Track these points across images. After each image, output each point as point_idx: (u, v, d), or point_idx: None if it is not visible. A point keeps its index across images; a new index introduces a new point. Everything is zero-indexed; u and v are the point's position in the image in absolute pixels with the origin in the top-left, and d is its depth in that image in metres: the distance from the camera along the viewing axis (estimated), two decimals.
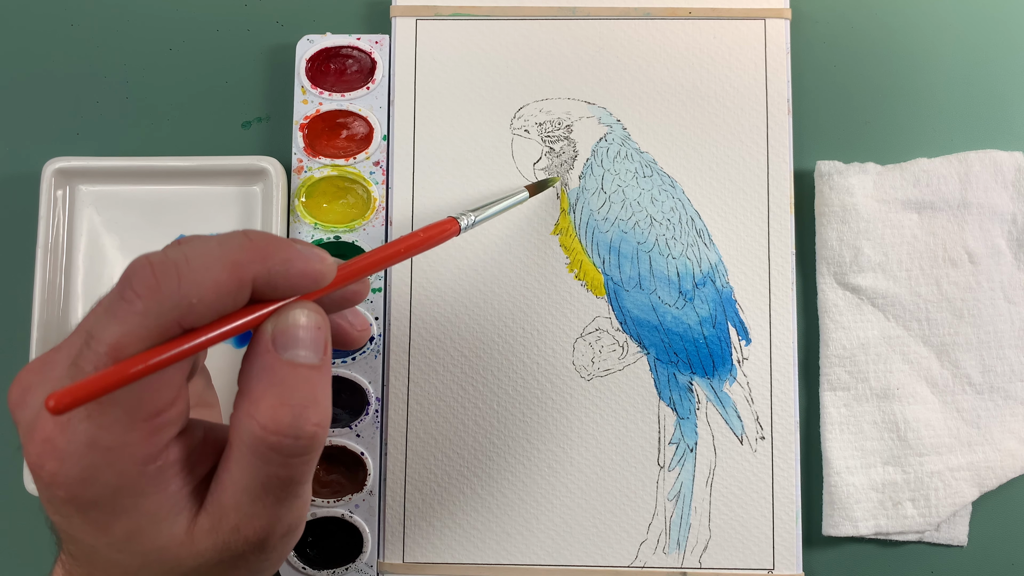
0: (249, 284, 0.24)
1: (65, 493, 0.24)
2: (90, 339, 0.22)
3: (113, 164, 0.43)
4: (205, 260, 0.23)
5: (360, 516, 0.41)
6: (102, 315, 0.23)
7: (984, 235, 0.42)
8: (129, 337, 0.22)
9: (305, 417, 0.24)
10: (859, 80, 0.44)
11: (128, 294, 0.22)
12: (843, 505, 0.40)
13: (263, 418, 0.24)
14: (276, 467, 0.24)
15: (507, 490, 0.41)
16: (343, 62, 0.44)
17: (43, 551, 0.43)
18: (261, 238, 0.24)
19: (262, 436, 0.24)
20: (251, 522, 0.25)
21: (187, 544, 0.25)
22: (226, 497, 0.25)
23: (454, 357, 0.42)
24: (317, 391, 0.25)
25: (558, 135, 0.43)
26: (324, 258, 0.25)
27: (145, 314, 0.22)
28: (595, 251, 0.42)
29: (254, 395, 0.24)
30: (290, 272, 0.24)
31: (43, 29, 0.46)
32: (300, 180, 0.43)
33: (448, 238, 0.32)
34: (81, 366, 0.22)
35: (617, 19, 0.44)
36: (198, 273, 0.23)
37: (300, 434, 0.24)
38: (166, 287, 0.22)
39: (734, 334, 0.42)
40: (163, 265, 0.23)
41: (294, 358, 0.25)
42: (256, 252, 0.24)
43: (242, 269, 0.23)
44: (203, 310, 0.23)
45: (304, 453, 0.25)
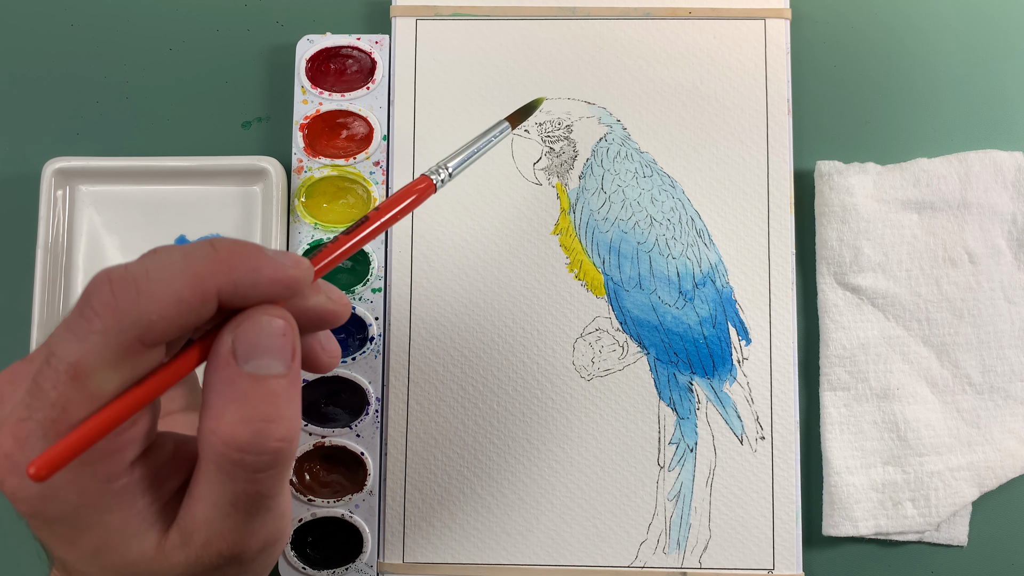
0: (213, 297, 0.23)
1: (27, 508, 0.23)
2: (50, 357, 0.22)
3: (113, 164, 0.43)
4: (166, 274, 0.22)
5: (360, 516, 0.41)
6: (62, 333, 0.22)
7: (984, 235, 0.42)
8: (89, 357, 0.21)
9: (267, 433, 0.23)
10: (859, 80, 0.44)
11: (87, 312, 0.22)
12: (843, 505, 0.40)
13: (224, 434, 0.23)
14: (243, 483, 0.23)
15: (507, 490, 0.41)
16: (343, 62, 0.44)
17: (43, 552, 0.43)
18: (227, 247, 0.23)
19: (224, 452, 0.23)
20: (222, 537, 0.24)
21: (158, 559, 0.24)
22: (197, 512, 0.24)
23: (454, 357, 0.42)
24: (280, 404, 0.23)
25: (558, 135, 0.43)
26: (299, 263, 0.24)
27: (104, 332, 0.21)
28: (595, 251, 0.42)
29: (215, 410, 0.23)
30: (259, 281, 0.23)
31: (43, 29, 0.46)
32: (300, 180, 0.43)
33: (424, 199, 0.29)
34: (40, 383, 0.22)
35: (617, 19, 0.44)
36: (158, 288, 0.22)
37: (263, 450, 0.23)
38: (124, 304, 0.22)
39: (734, 334, 0.42)
40: (122, 281, 0.22)
41: (256, 369, 0.23)
42: (221, 263, 0.23)
43: (205, 281, 0.22)
44: (164, 326, 0.22)
45: (269, 468, 0.23)
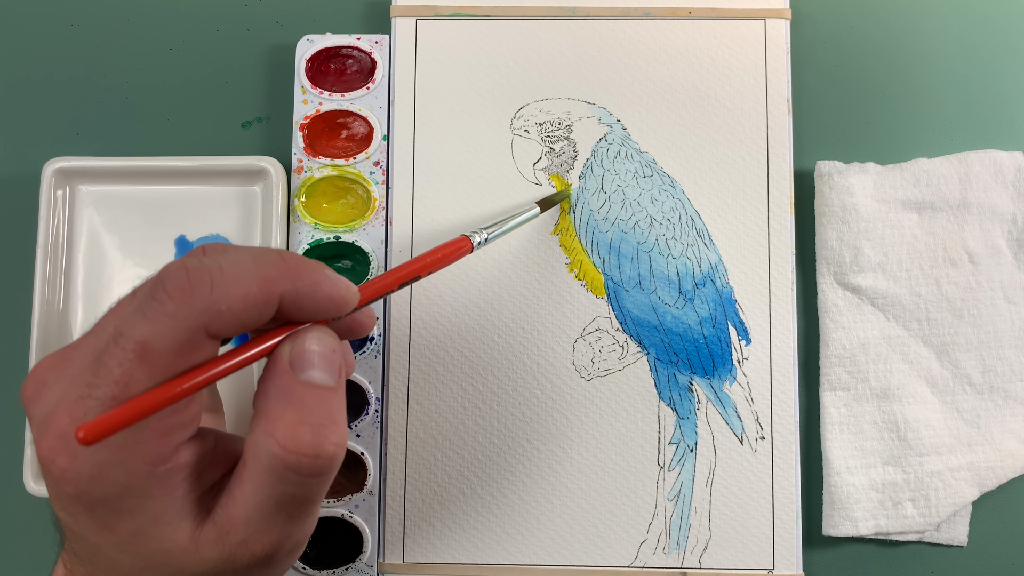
0: (277, 300, 0.24)
1: (73, 489, 0.24)
2: (118, 336, 0.23)
3: (113, 164, 0.43)
4: (238, 271, 0.24)
5: (360, 516, 0.41)
6: (131, 314, 0.23)
7: (984, 235, 0.42)
8: (157, 338, 0.23)
9: (324, 436, 0.24)
10: (859, 80, 0.44)
11: (161, 295, 0.23)
12: (843, 505, 0.40)
13: (282, 437, 0.24)
14: (292, 486, 0.25)
15: (507, 490, 0.41)
16: (343, 62, 0.44)
17: (43, 551, 0.43)
18: (294, 258, 0.25)
19: (281, 455, 0.24)
20: (260, 538, 0.25)
21: (191, 551, 0.25)
22: (237, 512, 0.25)
23: (454, 357, 0.42)
24: (335, 411, 0.25)
25: (558, 135, 0.43)
26: (349, 286, 0.26)
27: (175, 316, 0.23)
28: (595, 251, 0.42)
29: (272, 415, 0.25)
30: (317, 294, 0.25)
31: (43, 29, 0.46)
32: (300, 180, 0.43)
33: (461, 256, 0.33)
34: (106, 362, 0.23)
35: (617, 19, 0.44)
36: (231, 283, 0.23)
37: (320, 453, 0.24)
38: (199, 292, 0.23)
39: (734, 334, 0.42)
40: (198, 271, 0.23)
41: (311, 379, 0.25)
42: (288, 271, 0.25)
43: (272, 285, 0.24)
44: (230, 319, 0.23)
45: (322, 473, 0.25)
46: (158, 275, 0.23)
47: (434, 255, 0.31)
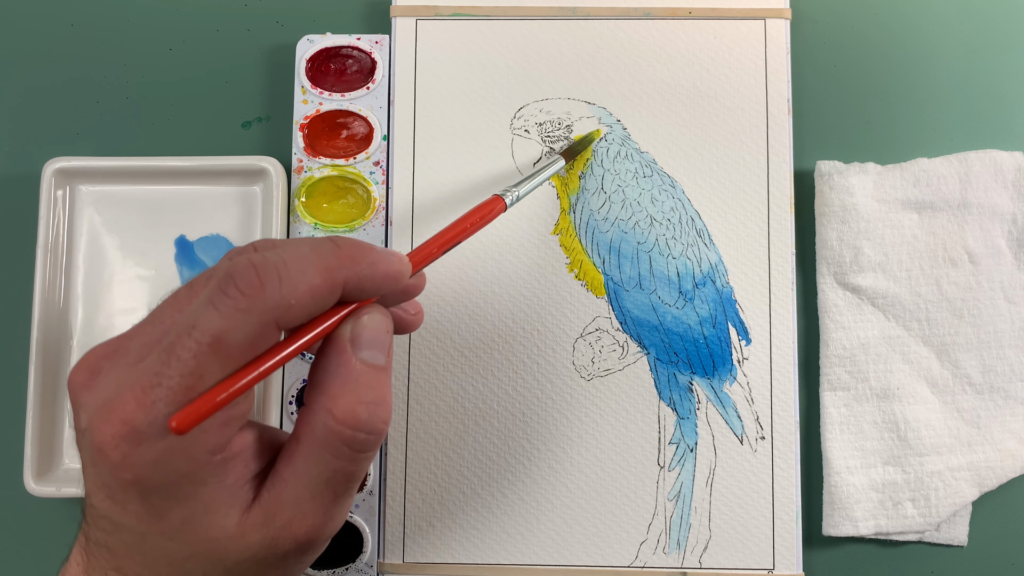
0: (340, 287, 0.25)
1: (133, 476, 0.24)
2: (191, 329, 0.24)
3: (113, 164, 0.43)
4: (302, 265, 0.25)
5: (360, 516, 0.41)
6: (204, 308, 0.24)
7: (984, 235, 0.42)
8: (231, 332, 0.24)
9: (377, 414, 0.26)
10: (859, 80, 0.44)
11: (232, 291, 0.24)
12: (843, 505, 0.40)
13: (341, 413, 0.25)
14: (345, 461, 0.26)
15: (507, 490, 0.41)
16: (343, 62, 0.44)
17: (44, 550, 0.43)
18: (348, 244, 0.26)
19: (338, 430, 0.25)
20: (304, 519, 0.26)
21: (236, 537, 0.26)
22: (286, 492, 0.26)
23: (454, 357, 0.42)
24: (385, 390, 0.27)
25: (558, 135, 0.43)
26: (401, 258, 0.27)
27: (249, 311, 0.24)
28: (595, 251, 0.42)
29: (331, 391, 0.26)
30: (376, 275, 0.26)
31: (43, 29, 0.46)
32: (300, 180, 0.43)
33: (496, 216, 0.34)
34: (178, 353, 0.23)
35: (617, 19, 0.44)
36: (296, 276, 0.24)
37: (373, 429, 0.26)
38: (269, 288, 0.24)
39: (734, 334, 0.42)
40: (266, 267, 0.24)
41: (368, 359, 0.26)
42: (345, 258, 0.26)
43: (335, 273, 0.25)
44: (299, 311, 0.25)
45: (372, 448, 0.26)
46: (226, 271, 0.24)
47: (471, 218, 0.32)
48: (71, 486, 0.40)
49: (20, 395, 0.42)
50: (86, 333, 0.42)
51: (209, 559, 0.26)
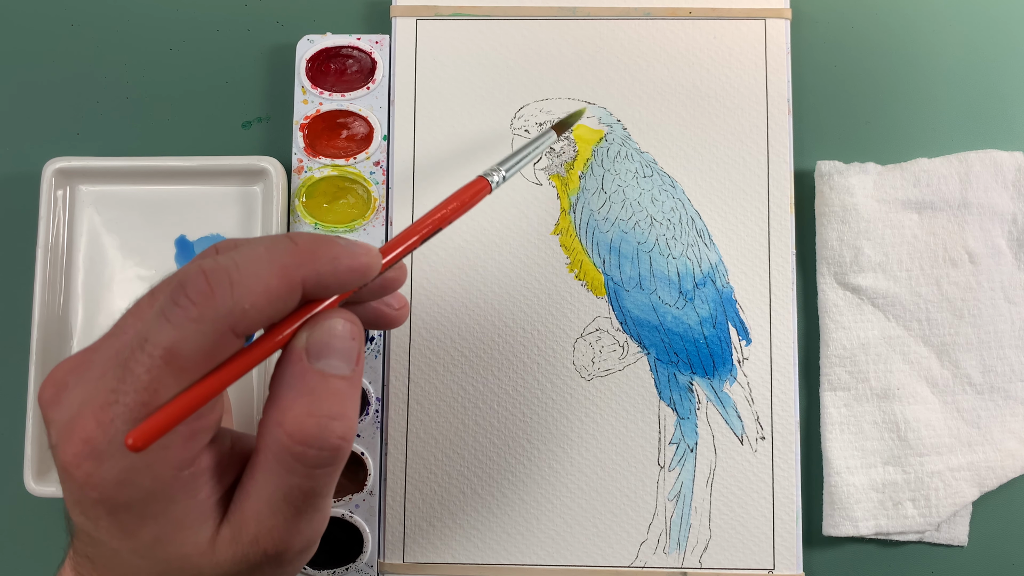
0: (299, 287, 0.24)
1: (98, 494, 0.24)
2: (143, 342, 0.23)
3: (113, 164, 0.43)
4: (255, 267, 0.23)
5: (360, 516, 0.41)
6: (156, 320, 0.23)
7: (984, 235, 0.42)
8: (184, 343, 0.23)
9: (331, 429, 0.24)
10: (859, 80, 0.44)
11: (183, 300, 0.23)
12: (843, 505, 0.40)
13: (290, 427, 0.24)
14: (299, 477, 0.25)
15: (507, 490, 0.41)
16: (343, 62, 0.44)
17: (44, 551, 0.43)
18: (306, 240, 0.25)
19: (287, 445, 0.24)
20: (270, 534, 0.25)
21: (208, 554, 0.25)
22: (248, 506, 0.25)
23: (454, 357, 0.42)
24: (345, 403, 0.25)
25: None
26: (369, 250, 0.26)
27: (200, 320, 0.23)
28: (595, 251, 0.42)
29: (283, 403, 0.25)
30: (339, 270, 0.25)
31: (43, 29, 0.46)
32: (300, 180, 0.43)
33: (480, 199, 0.31)
34: (132, 369, 0.23)
35: (617, 19, 0.44)
36: (250, 280, 0.23)
37: (324, 445, 0.24)
38: (220, 294, 0.23)
39: (734, 334, 0.42)
40: (216, 272, 0.23)
41: (326, 368, 0.25)
42: (303, 255, 0.24)
43: (292, 272, 0.24)
44: (255, 316, 0.23)
45: (327, 464, 0.25)
46: (177, 279, 0.23)
47: (452, 203, 0.29)
48: None
49: (20, 395, 0.42)
50: (86, 333, 0.42)
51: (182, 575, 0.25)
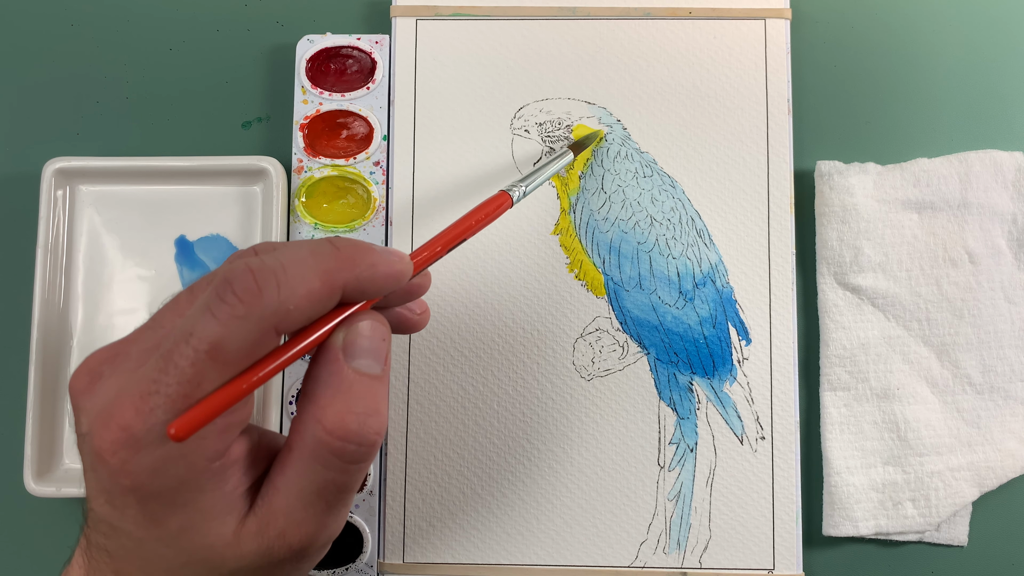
0: (340, 290, 0.25)
1: (131, 482, 0.24)
2: (189, 336, 0.23)
3: (113, 164, 0.43)
4: (300, 269, 0.24)
5: (360, 516, 0.41)
6: (201, 314, 0.23)
7: (984, 235, 0.42)
8: (229, 339, 0.23)
9: (368, 425, 0.25)
10: (859, 80, 0.44)
11: (230, 298, 0.23)
12: (843, 505, 0.40)
13: (330, 423, 0.25)
14: (335, 472, 0.25)
15: (507, 490, 0.41)
16: (343, 62, 0.44)
17: (43, 551, 0.43)
18: (347, 245, 0.26)
19: (327, 441, 0.25)
20: (298, 528, 0.26)
21: (233, 545, 0.25)
22: (278, 500, 0.26)
23: (454, 357, 0.42)
24: (379, 401, 0.26)
25: (558, 135, 0.43)
26: (402, 257, 0.27)
27: (247, 318, 0.23)
28: (595, 251, 0.42)
29: (321, 401, 0.25)
30: (376, 276, 0.26)
31: (43, 29, 0.46)
32: (300, 180, 0.43)
33: (502, 212, 0.33)
34: (176, 361, 0.23)
35: (617, 19, 0.44)
36: (295, 282, 0.24)
37: (363, 441, 0.25)
38: (267, 294, 0.24)
39: (734, 334, 0.42)
40: (263, 272, 0.24)
41: (360, 367, 0.26)
42: (345, 260, 0.25)
43: (334, 277, 0.25)
44: (298, 316, 0.24)
45: (363, 460, 0.26)
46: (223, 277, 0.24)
47: (477, 215, 0.32)
48: (71, 486, 0.40)
49: (20, 395, 0.42)
50: (86, 333, 0.42)
51: (205, 566, 0.26)
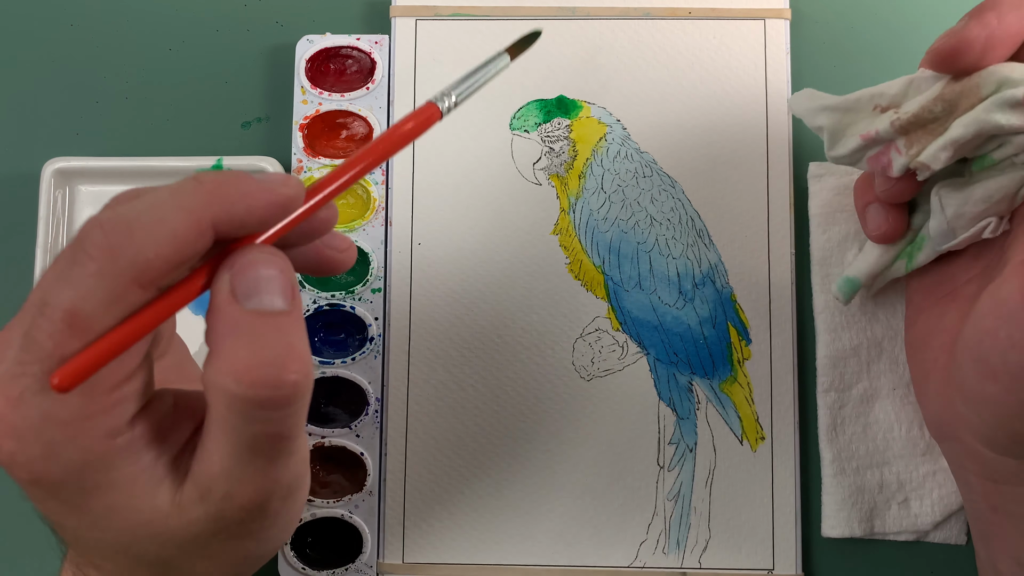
0: (209, 229, 0.22)
1: (28, 474, 0.23)
2: (44, 307, 0.21)
3: (113, 164, 0.43)
4: (157, 212, 0.22)
5: (360, 516, 0.41)
6: (54, 281, 0.22)
7: None
8: (85, 301, 0.21)
9: (284, 366, 0.22)
10: (859, 80, 0.44)
11: (80, 256, 0.21)
12: (842, 506, 0.40)
13: (238, 373, 0.22)
14: (261, 424, 0.23)
15: (507, 490, 0.41)
16: (343, 62, 0.44)
17: (43, 551, 0.43)
18: (213, 178, 0.23)
19: (239, 393, 0.22)
20: (244, 487, 0.24)
21: (175, 515, 0.24)
22: (213, 464, 0.24)
23: (454, 357, 0.42)
24: (292, 337, 0.23)
25: (558, 135, 0.43)
26: (288, 180, 0.23)
27: (100, 275, 0.21)
28: (595, 251, 0.42)
29: (224, 352, 0.22)
30: (253, 205, 0.23)
31: (43, 29, 0.46)
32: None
33: (430, 126, 0.28)
34: (34, 336, 0.21)
35: (617, 19, 0.44)
36: (152, 226, 0.21)
37: (281, 383, 0.22)
38: (118, 244, 0.21)
39: (734, 334, 0.42)
40: (113, 222, 0.21)
41: (259, 306, 0.23)
42: (210, 194, 0.22)
43: (197, 214, 0.22)
44: (161, 264, 0.22)
45: (288, 404, 0.23)
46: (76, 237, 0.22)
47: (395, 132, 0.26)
48: None
49: None
50: None
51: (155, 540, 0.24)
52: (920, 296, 0.37)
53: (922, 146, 0.31)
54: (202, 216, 0.22)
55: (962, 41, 0.28)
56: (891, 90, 0.32)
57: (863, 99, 0.33)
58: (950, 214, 0.32)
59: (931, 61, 0.29)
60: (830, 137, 0.34)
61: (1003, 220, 0.31)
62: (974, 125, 0.29)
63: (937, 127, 0.30)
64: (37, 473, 0.23)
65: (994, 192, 0.31)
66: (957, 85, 0.30)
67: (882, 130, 0.32)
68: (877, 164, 0.33)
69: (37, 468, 0.23)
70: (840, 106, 0.34)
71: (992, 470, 0.32)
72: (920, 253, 0.36)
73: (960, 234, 0.33)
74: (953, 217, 0.32)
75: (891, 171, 0.32)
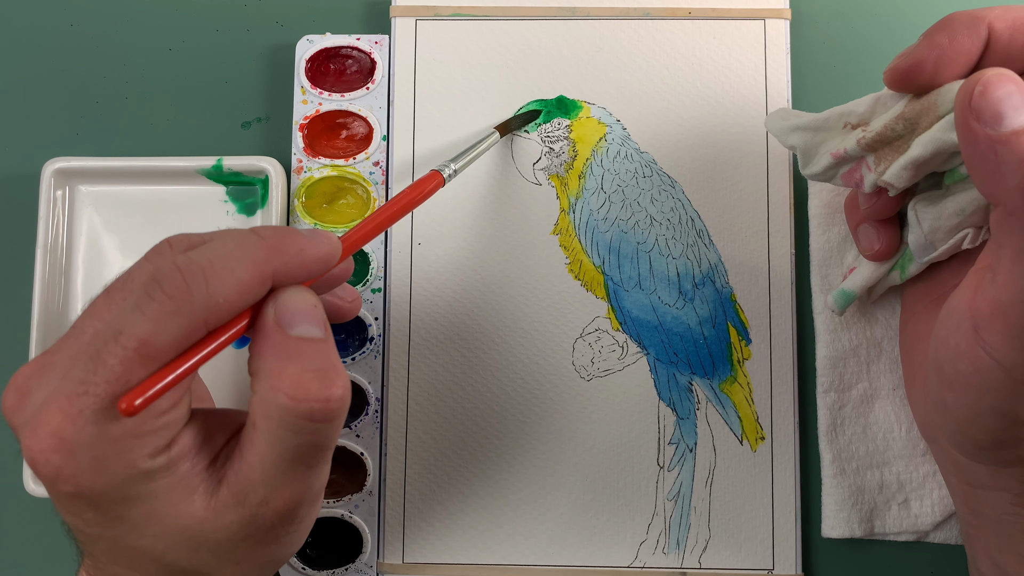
0: (270, 279, 0.25)
1: (73, 487, 0.24)
2: (118, 335, 0.23)
3: (113, 164, 0.43)
4: (228, 262, 0.25)
5: (360, 516, 0.41)
6: (130, 313, 0.24)
7: None
8: (159, 335, 0.23)
9: (331, 380, 0.25)
10: (859, 80, 0.44)
11: (159, 295, 0.24)
12: (842, 506, 0.40)
13: (289, 389, 0.25)
14: (307, 435, 0.25)
15: (507, 490, 0.41)
16: (343, 62, 0.44)
17: (43, 551, 0.43)
18: (272, 233, 0.26)
19: (291, 406, 0.25)
20: (281, 493, 0.26)
21: (209, 519, 0.26)
22: (253, 472, 0.26)
23: (454, 357, 0.42)
24: (332, 358, 0.26)
25: (558, 135, 0.43)
26: (330, 239, 0.27)
27: (177, 314, 0.24)
28: (595, 251, 0.42)
29: (273, 371, 0.25)
30: (305, 260, 0.26)
31: (43, 29, 0.46)
32: (300, 180, 0.43)
33: (435, 191, 0.34)
34: (104, 360, 0.23)
35: (617, 19, 0.44)
36: (223, 275, 0.24)
37: (329, 396, 0.25)
38: (196, 290, 0.24)
39: (734, 334, 0.42)
40: (191, 269, 0.24)
41: (302, 333, 0.26)
42: (272, 249, 0.26)
43: (261, 266, 0.25)
44: (227, 309, 0.24)
45: (334, 417, 0.26)
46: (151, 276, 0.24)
47: (408, 195, 0.32)
48: None
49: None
50: None
51: (188, 545, 0.26)
52: (913, 300, 0.38)
53: (888, 163, 0.31)
54: (265, 269, 0.25)
55: (915, 62, 0.29)
56: (859, 108, 0.33)
57: (832, 117, 0.33)
58: (927, 228, 0.33)
59: (888, 80, 0.30)
60: (803, 156, 0.34)
61: (982, 230, 0.32)
62: (931, 144, 0.29)
63: (901, 144, 0.31)
64: (81, 486, 0.24)
65: (966, 205, 0.31)
66: (917, 103, 0.30)
67: (850, 148, 0.32)
68: (850, 181, 0.33)
69: (83, 481, 0.24)
70: (811, 125, 0.34)
71: (967, 474, 0.33)
72: (911, 264, 0.36)
73: (939, 247, 0.33)
74: (930, 231, 0.33)
75: (863, 188, 0.33)
